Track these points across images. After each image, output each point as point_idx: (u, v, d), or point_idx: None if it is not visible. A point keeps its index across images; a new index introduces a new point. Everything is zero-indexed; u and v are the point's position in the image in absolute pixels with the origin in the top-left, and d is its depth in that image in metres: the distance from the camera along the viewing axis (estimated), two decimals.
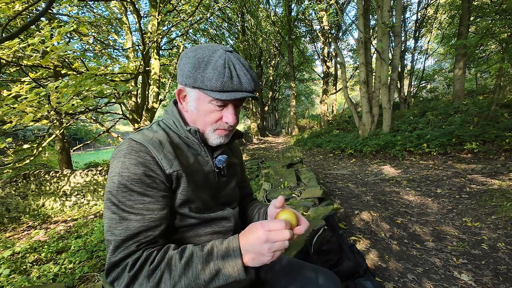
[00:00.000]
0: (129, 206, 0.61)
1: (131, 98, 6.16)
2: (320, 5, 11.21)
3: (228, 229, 0.79)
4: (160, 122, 0.78)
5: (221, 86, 0.64)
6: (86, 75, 2.57)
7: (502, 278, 1.69)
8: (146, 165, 0.63)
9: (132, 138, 0.68)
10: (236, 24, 15.41)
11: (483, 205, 2.94)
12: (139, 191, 0.62)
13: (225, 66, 0.64)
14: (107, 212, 0.62)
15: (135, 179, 0.62)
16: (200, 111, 0.70)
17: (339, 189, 4.06)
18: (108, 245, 0.60)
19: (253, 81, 0.68)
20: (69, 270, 2.56)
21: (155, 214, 0.63)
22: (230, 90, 0.65)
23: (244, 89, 0.66)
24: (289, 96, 22.68)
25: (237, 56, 0.69)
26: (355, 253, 1.45)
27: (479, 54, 10.62)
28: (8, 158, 3.84)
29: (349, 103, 9.17)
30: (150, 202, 0.63)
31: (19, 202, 6.40)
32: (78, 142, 10.12)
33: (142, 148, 0.65)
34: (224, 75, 0.64)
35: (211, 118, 0.70)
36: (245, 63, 0.69)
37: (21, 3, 2.65)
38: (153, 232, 0.62)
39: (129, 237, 0.59)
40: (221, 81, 0.63)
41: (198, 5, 5.30)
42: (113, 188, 0.62)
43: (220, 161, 0.78)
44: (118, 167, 0.63)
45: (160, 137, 0.70)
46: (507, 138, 4.78)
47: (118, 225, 0.60)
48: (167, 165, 0.66)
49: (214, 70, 0.64)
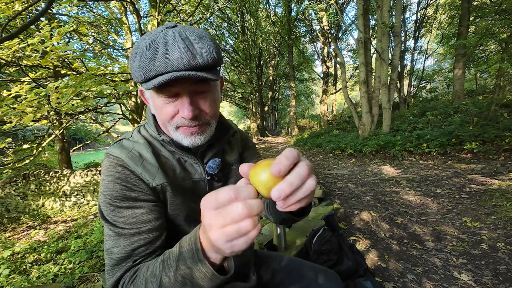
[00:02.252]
0: (122, 223, 0.57)
1: (131, 98, 6.15)
2: (320, 5, 11.20)
3: None
4: (141, 128, 0.70)
5: (143, 73, 0.51)
6: (86, 75, 2.57)
7: (502, 278, 1.69)
8: (125, 180, 0.58)
9: (109, 153, 0.62)
10: (236, 24, 15.41)
11: (483, 205, 2.94)
12: (127, 206, 0.58)
13: (149, 48, 0.51)
14: (105, 230, 0.59)
15: (117, 196, 0.57)
16: (157, 109, 0.60)
17: (339, 189, 4.06)
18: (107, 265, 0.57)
19: (191, 54, 0.50)
20: (69, 270, 2.56)
21: (151, 225, 0.58)
22: (153, 75, 0.51)
23: (172, 68, 0.50)
24: (289, 96, 22.67)
25: (180, 30, 0.53)
26: (355, 253, 1.45)
27: (478, 54, 10.63)
28: (8, 158, 3.84)
29: (349, 103, 9.17)
30: (143, 214, 0.58)
31: (18, 202, 6.39)
32: (78, 142, 10.12)
33: (120, 162, 0.60)
34: (145, 58, 0.50)
35: (165, 114, 0.58)
36: (189, 36, 0.53)
37: (21, 3, 2.65)
38: (153, 244, 0.58)
39: (126, 254, 0.56)
40: (142, 67, 0.51)
41: (198, 5, 5.30)
42: (102, 207, 0.59)
43: (211, 168, 0.68)
44: (101, 186, 0.60)
45: (139, 148, 0.63)
46: (507, 138, 4.78)
47: (116, 242, 0.57)
48: (149, 178, 0.60)
49: (139, 56, 0.52)
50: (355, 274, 1.40)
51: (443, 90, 15.88)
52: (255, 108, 17.51)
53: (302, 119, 22.96)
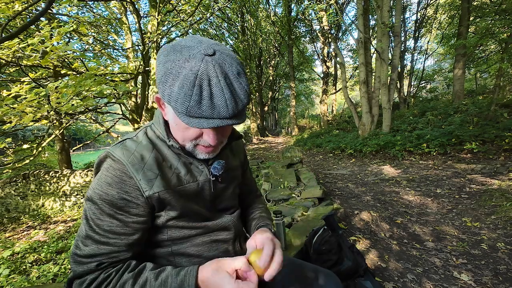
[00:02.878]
0: (96, 225, 0.58)
1: (131, 98, 6.16)
2: (320, 5, 11.21)
3: (227, 238, 0.75)
4: (148, 129, 0.69)
5: (186, 111, 0.51)
6: (86, 75, 2.57)
7: (502, 278, 1.69)
8: (121, 187, 0.59)
9: (112, 154, 0.61)
10: (236, 24, 15.41)
11: (483, 205, 2.94)
12: (108, 213, 0.58)
13: (194, 84, 0.49)
14: (82, 220, 0.60)
15: (106, 199, 0.58)
16: (178, 125, 0.60)
17: (339, 189, 4.06)
18: (72, 253, 0.59)
19: (233, 101, 0.52)
20: (69, 270, 2.56)
21: (121, 239, 0.59)
22: (197, 116, 0.51)
23: (218, 116, 0.51)
24: (289, 96, 22.67)
25: (220, 62, 0.52)
26: (354, 253, 1.45)
27: (478, 54, 10.63)
28: (8, 158, 3.84)
29: (349, 103, 9.18)
30: (118, 226, 0.59)
31: (18, 202, 6.40)
32: (77, 142, 10.12)
33: (120, 166, 0.60)
34: (190, 98, 0.50)
35: (190, 134, 0.61)
36: (229, 71, 0.53)
37: (21, 3, 2.65)
38: (118, 255, 0.59)
39: (90, 255, 0.57)
40: (186, 105, 0.50)
41: (198, 5, 5.30)
42: (87, 199, 0.60)
43: (216, 169, 0.70)
44: (94, 182, 0.60)
45: (143, 150, 0.63)
46: (507, 138, 4.78)
47: (84, 240, 0.58)
48: (147, 186, 0.60)
49: (180, 89, 0.50)
50: (355, 274, 1.40)
51: (443, 90, 15.89)
52: (255, 108, 17.52)
53: (302, 119, 22.96)
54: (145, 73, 5.64)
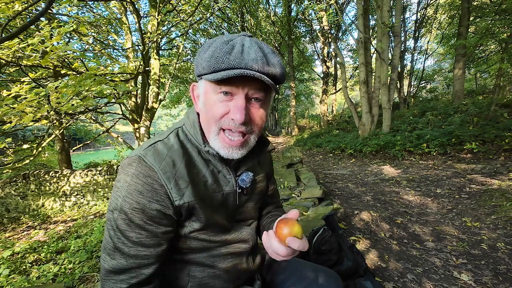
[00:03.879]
0: (125, 236, 0.56)
1: (131, 98, 6.15)
2: (320, 5, 11.20)
3: (244, 251, 0.74)
4: (179, 130, 0.66)
5: (215, 63, 0.51)
6: (85, 75, 2.57)
7: (502, 278, 1.69)
8: (152, 196, 0.56)
9: (143, 158, 0.58)
10: (236, 24, 15.40)
11: (483, 205, 2.94)
12: (138, 224, 0.56)
13: (227, 43, 0.52)
14: (106, 232, 0.58)
15: (136, 208, 0.55)
16: (208, 106, 0.58)
17: (339, 189, 4.06)
18: (101, 266, 0.58)
19: (265, 60, 0.52)
20: (69, 270, 2.56)
21: (149, 251, 0.58)
22: (224, 68, 0.51)
23: (245, 66, 0.51)
24: (289, 96, 22.66)
25: (256, 40, 0.56)
26: (354, 253, 1.45)
27: (478, 54, 10.63)
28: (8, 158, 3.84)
29: (349, 103, 9.17)
30: (147, 237, 0.57)
31: (18, 202, 6.40)
32: (77, 142, 10.12)
33: (151, 173, 0.57)
34: (221, 50, 0.51)
35: (216, 112, 0.56)
36: (264, 46, 0.55)
37: (21, 3, 2.65)
38: (146, 271, 0.58)
39: (120, 270, 0.56)
40: (215, 57, 0.51)
41: (198, 5, 5.30)
42: (115, 209, 0.57)
43: (243, 181, 0.69)
44: (123, 189, 0.57)
45: (174, 155, 0.60)
46: (507, 138, 4.78)
47: (111, 253, 0.57)
48: (177, 195, 0.58)
49: (213, 48, 0.52)
50: (355, 274, 1.40)
51: (443, 90, 15.89)
52: None
53: (302, 119, 22.94)
54: (145, 73, 5.64)
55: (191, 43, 12.89)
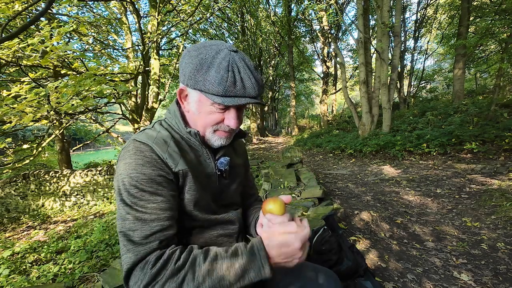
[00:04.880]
0: (142, 206, 0.60)
1: (131, 98, 6.16)
2: (320, 5, 11.20)
3: (233, 232, 0.80)
4: (162, 121, 0.76)
5: (223, 91, 0.62)
6: (85, 75, 2.57)
7: (502, 278, 1.69)
8: (153, 164, 0.63)
9: (136, 139, 0.67)
10: (236, 24, 15.41)
11: (483, 205, 2.94)
12: (150, 191, 0.61)
13: (228, 70, 0.62)
14: (121, 213, 0.61)
15: (144, 179, 0.61)
16: (201, 113, 0.69)
17: (339, 189, 4.06)
18: (124, 247, 0.59)
19: (258, 85, 0.66)
20: (69, 270, 2.56)
21: (168, 213, 0.63)
22: (232, 95, 0.63)
23: (248, 95, 0.64)
24: (289, 96, 22.67)
25: (242, 56, 0.66)
26: (354, 253, 1.45)
27: (478, 54, 10.64)
28: (8, 158, 3.84)
29: (349, 103, 9.17)
30: (162, 201, 0.62)
31: (18, 202, 6.40)
32: (77, 142, 10.13)
33: (147, 147, 0.65)
34: (227, 79, 0.61)
35: (212, 119, 0.69)
36: (250, 64, 0.67)
37: (21, 3, 2.65)
38: (169, 232, 0.63)
39: (147, 236, 0.59)
40: (223, 86, 0.61)
41: (198, 5, 5.30)
42: (123, 189, 0.61)
43: (222, 164, 0.77)
44: (126, 168, 0.62)
45: (163, 136, 0.70)
46: (507, 138, 4.78)
47: (133, 226, 0.59)
48: (173, 163, 0.66)
49: (217, 73, 0.61)
50: (355, 274, 1.40)
51: (443, 90, 15.90)
52: (255, 108, 17.50)
53: (302, 119, 22.95)
54: (145, 73, 5.64)
55: (191, 43, 12.89)
